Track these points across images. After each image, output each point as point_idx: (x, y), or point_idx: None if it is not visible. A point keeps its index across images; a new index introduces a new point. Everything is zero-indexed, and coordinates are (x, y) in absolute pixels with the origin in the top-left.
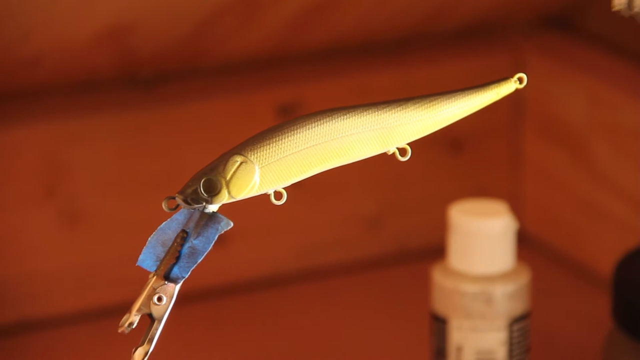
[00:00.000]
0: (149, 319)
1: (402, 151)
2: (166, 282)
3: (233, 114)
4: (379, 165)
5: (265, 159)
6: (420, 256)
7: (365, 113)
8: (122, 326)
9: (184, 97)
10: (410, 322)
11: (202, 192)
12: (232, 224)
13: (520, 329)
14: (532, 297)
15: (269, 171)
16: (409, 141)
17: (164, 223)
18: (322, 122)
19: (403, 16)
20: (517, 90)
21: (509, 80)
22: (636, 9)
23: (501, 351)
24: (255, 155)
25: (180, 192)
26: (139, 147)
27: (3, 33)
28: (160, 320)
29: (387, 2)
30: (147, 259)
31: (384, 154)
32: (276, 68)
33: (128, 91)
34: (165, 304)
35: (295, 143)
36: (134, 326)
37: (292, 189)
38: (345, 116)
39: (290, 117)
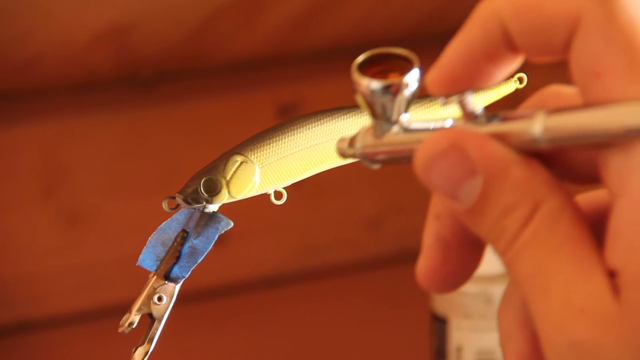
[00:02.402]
0: (149, 319)
1: None
2: (166, 282)
3: (233, 113)
4: None
5: (265, 158)
6: None
7: (365, 113)
8: (122, 326)
9: (184, 97)
10: (410, 322)
11: (202, 191)
12: (232, 224)
13: None
14: None
15: (269, 171)
16: None
17: (164, 223)
18: (322, 122)
19: (403, 16)
20: (517, 90)
21: (509, 80)
22: (356, 151)
23: (501, 351)
24: (256, 155)
25: (181, 192)
26: (139, 146)
27: (3, 33)
28: (160, 320)
29: (387, 3)
30: (147, 258)
31: None
32: (276, 68)
33: (128, 91)
34: (165, 303)
35: (295, 143)
36: (134, 326)
37: (292, 188)
38: (345, 116)
39: (290, 117)
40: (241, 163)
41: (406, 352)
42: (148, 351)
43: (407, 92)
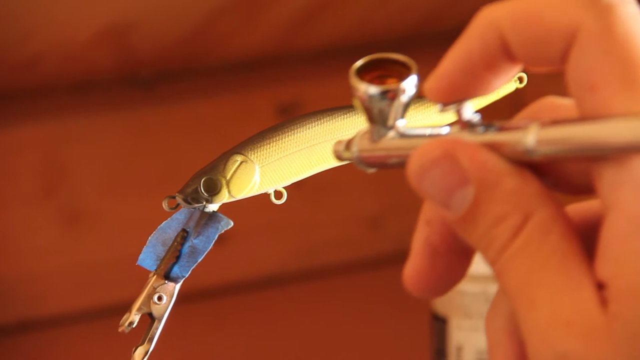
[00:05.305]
0: (149, 318)
1: None
2: (166, 282)
3: (233, 113)
4: None
5: (266, 158)
6: None
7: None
8: (122, 325)
9: (184, 97)
10: (410, 322)
11: (203, 191)
12: (232, 223)
13: None
14: None
15: (269, 170)
16: None
17: (164, 222)
18: (322, 122)
19: (403, 16)
20: (517, 90)
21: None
22: (352, 154)
23: None
24: (256, 154)
25: (181, 192)
26: (139, 146)
27: (3, 33)
28: (160, 320)
29: (387, 2)
30: (148, 258)
31: None
32: (276, 68)
33: (128, 91)
34: (165, 303)
35: (295, 142)
36: (134, 325)
37: (292, 188)
38: (345, 116)
39: (290, 116)
40: (241, 162)
41: (406, 352)
42: (148, 351)
43: (404, 97)
